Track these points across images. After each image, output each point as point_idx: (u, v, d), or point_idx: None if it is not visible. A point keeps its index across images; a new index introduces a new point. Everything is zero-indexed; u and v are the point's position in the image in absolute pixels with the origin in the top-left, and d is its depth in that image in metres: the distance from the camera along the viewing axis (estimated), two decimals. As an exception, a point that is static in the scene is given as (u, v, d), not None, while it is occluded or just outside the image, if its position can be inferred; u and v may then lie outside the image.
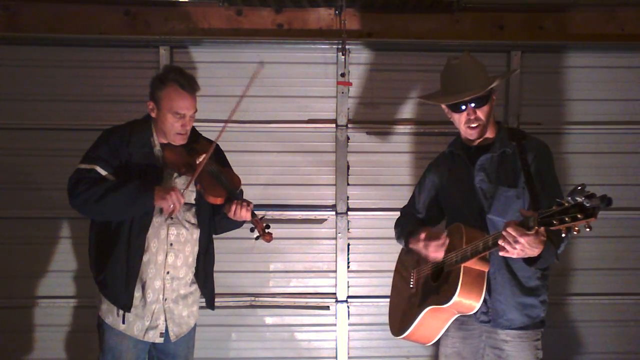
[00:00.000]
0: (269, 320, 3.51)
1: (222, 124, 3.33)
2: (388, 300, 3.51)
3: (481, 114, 2.26)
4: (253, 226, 2.47)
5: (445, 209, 2.49)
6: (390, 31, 3.42)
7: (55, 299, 3.41)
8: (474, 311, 2.19)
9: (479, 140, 2.33)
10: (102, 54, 3.36)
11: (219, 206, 2.47)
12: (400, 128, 3.46)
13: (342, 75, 3.39)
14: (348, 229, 3.47)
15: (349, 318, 3.50)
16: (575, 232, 1.74)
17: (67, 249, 3.40)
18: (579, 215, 1.69)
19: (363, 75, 3.43)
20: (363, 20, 3.42)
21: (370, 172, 3.47)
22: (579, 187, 1.69)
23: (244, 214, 2.41)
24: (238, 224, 2.57)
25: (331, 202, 3.47)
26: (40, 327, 3.42)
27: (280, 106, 3.43)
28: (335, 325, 3.50)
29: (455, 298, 2.13)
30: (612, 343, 3.54)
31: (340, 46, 3.34)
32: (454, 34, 3.41)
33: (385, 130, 3.47)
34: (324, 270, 3.50)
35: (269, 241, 2.47)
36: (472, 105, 2.24)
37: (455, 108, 2.28)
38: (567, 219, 1.72)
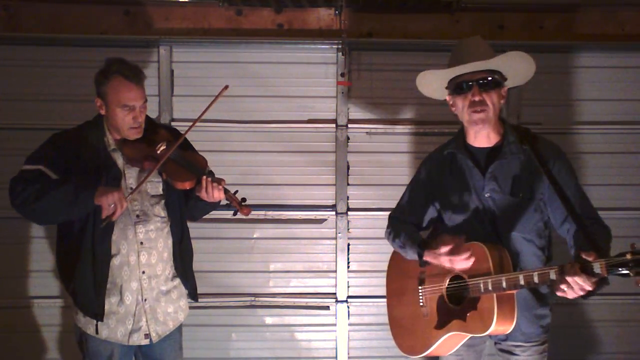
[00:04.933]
0: (269, 320, 3.51)
1: (221, 124, 3.40)
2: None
3: (487, 98, 2.05)
4: (228, 202, 2.37)
5: (445, 216, 2.28)
6: (390, 31, 3.42)
7: (46, 299, 3.40)
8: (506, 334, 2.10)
9: (485, 141, 2.15)
10: (102, 54, 3.32)
11: (190, 191, 2.37)
12: (400, 128, 3.46)
13: (342, 75, 3.39)
14: (348, 229, 3.47)
15: (349, 318, 3.50)
16: None
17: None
18: None
19: (363, 75, 3.43)
20: (363, 20, 3.42)
21: (370, 172, 3.47)
22: None
23: (217, 194, 2.31)
24: (215, 205, 2.45)
25: (331, 202, 3.47)
26: (33, 328, 3.41)
27: (280, 106, 3.43)
28: (335, 325, 3.50)
29: (491, 330, 2.03)
30: (613, 343, 3.55)
31: (340, 46, 3.34)
32: (454, 34, 3.40)
33: (385, 130, 3.46)
34: (324, 270, 3.50)
35: (247, 214, 2.35)
36: (478, 85, 2.05)
37: (459, 88, 2.09)
38: None
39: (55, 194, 2.20)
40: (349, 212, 3.47)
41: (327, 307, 3.50)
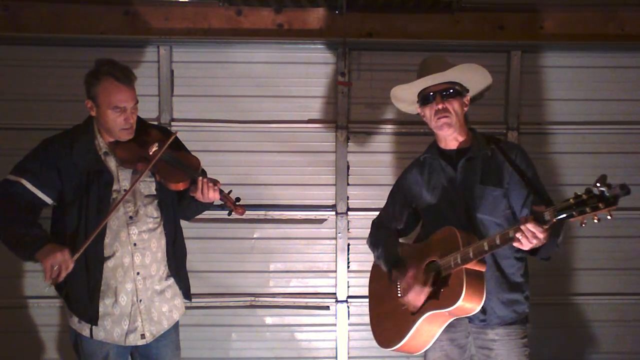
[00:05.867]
0: (269, 320, 3.51)
1: (221, 124, 3.40)
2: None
3: (449, 106, 2.28)
4: (223, 203, 2.39)
5: (424, 215, 2.46)
6: (390, 31, 3.42)
7: (44, 299, 3.38)
8: (473, 313, 2.18)
9: (454, 144, 2.34)
10: (102, 54, 3.31)
11: (184, 191, 2.37)
12: (400, 128, 3.46)
13: (342, 75, 3.39)
14: (348, 229, 3.47)
15: (349, 318, 3.50)
16: (595, 221, 1.81)
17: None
18: (600, 205, 1.77)
19: (363, 75, 3.43)
20: (363, 20, 3.42)
21: (370, 172, 3.47)
22: (600, 179, 1.79)
23: (212, 194, 2.31)
24: (208, 205, 2.45)
25: (331, 202, 3.47)
26: (30, 328, 3.41)
27: (280, 106, 3.43)
28: (335, 325, 3.50)
29: (460, 302, 2.11)
30: (613, 343, 3.55)
31: (340, 46, 3.34)
32: (454, 34, 3.41)
33: (385, 130, 3.47)
34: (324, 270, 3.50)
35: (242, 214, 2.39)
36: (440, 94, 2.28)
37: (425, 99, 2.32)
38: (587, 209, 1.78)
39: (6, 231, 2.23)
40: (349, 212, 3.47)
41: (327, 307, 3.51)
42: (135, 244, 2.36)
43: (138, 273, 2.37)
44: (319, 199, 3.48)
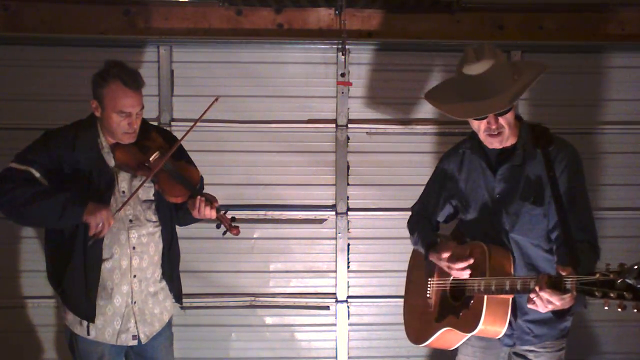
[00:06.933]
0: (269, 320, 3.51)
1: (221, 124, 3.40)
2: (388, 300, 3.50)
3: (504, 121, 2.03)
4: (219, 222, 2.40)
5: (460, 213, 2.33)
6: (390, 31, 3.42)
7: (42, 299, 3.38)
8: (499, 337, 2.10)
9: (499, 145, 2.12)
10: (102, 54, 3.33)
11: (181, 202, 2.38)
12: (400, 128, 3.45)
13: (342, 75, 3.39)
14: (348, 229, 3.47)
15: (349, 318, 3.49)
16: (619, 310, 1.63)
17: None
18: (626, 294, 1.59)
19: (363, 75, 3.43)
20: (363, 20, 3.42)
21: (370, 172, 3.47)
22: (635, 267, 1.58)
23: (209, 213, 2.31)
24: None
25: (331, 202, 3.47)
26: (28, 328, 3.41)
27: (280, 106, 3.43)
28: (335, 325, 3.50)
29: (480, 327, 2.05)
30: (613, 343, 3.55)
31: (340, 46, 3.34)
32: (454, 34, 3.40)
33: (385, 130, 3.46)
34: (324, 270, 3.50)
35: (236, 235, 2.41)
36: (495, 113, 2.01)
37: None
38: (612, 294, 1.62)
39: (44, 203, 2.18)
40: (349, 212, 3.46)
41: (327, 307, 3.50)
42: (134, 247, 2.36)
43: (135, 276, 2.38)
44: (319, 199, 3.47)
